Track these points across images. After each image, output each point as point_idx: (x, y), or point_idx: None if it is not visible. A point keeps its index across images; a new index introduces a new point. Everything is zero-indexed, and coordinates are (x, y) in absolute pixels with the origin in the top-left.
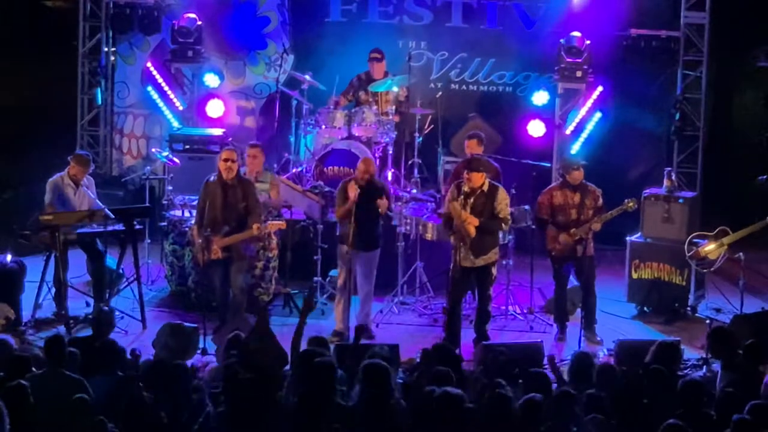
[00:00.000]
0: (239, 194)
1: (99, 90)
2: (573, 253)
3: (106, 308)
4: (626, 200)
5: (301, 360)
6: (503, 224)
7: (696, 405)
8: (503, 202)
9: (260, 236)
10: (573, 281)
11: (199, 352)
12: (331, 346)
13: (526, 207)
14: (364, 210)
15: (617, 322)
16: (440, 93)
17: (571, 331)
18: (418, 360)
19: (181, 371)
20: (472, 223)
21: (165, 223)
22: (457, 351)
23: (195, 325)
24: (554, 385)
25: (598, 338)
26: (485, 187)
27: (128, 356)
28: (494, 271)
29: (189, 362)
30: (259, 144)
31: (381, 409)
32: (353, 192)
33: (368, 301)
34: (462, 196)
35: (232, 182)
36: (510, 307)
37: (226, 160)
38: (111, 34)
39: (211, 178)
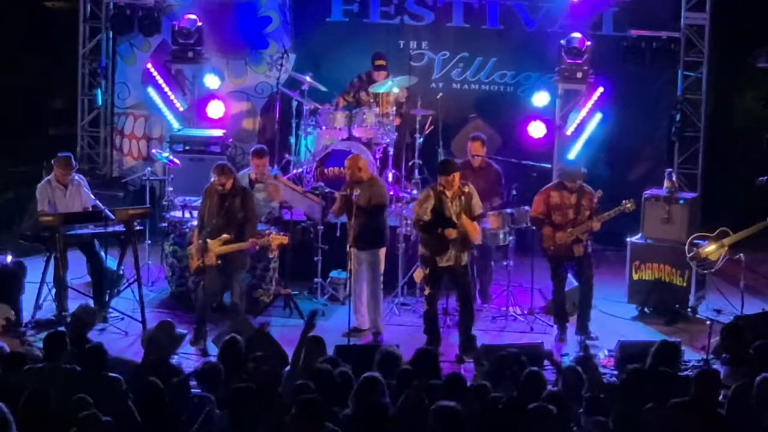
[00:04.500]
0: (237, 204)
1: (99, 91)
2: (569, 253)
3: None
4: (624, 201)
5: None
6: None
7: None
8: (477, 197)
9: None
10: (573, 282)
11: (199, 353)
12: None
13: (527, 208)
14: (364, 209)
15: (618, 323)
16: (441, 94)
17: (571, 331)
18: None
19: (178, 372)
20: (476, 229)
21: (165, 224)
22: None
23: (185, 332)
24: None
25: (593, 335)
26: (465, 188)
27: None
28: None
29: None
30: (266, 152)
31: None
32: (354, 191)
33: (377, 303)
34: (460, 199)
35: (231, 192)
36: (510, 308)
37: (218, 185)
38: (111, 35)
39: (212, 182)
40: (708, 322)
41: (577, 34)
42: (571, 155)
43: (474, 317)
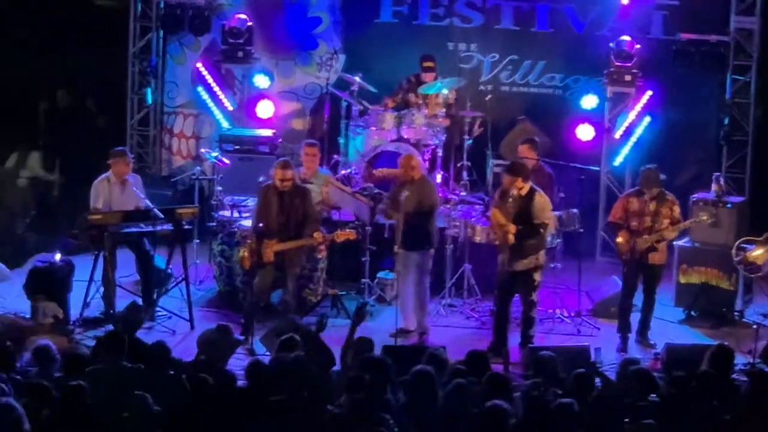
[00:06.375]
0: (297, 202)
1: (149, 90)
2: (644, 260)
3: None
4: (700, 213)
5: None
6: (540, 229)
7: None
8: (539, 207)
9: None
10: (618, 284)
11: (246, 352)
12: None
13: (575, 210)
14: (412, 209)
15: (665, 326)
16: (490, 96)
17: (611, 332)
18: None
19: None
20: (510, 231)
21: (214, 224)
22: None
23: (241, 338)
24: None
25: (651, 342)
26: (523, 192)
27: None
28: (537, 276)
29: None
30: (317, 143)
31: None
32: (404, 192)
33: (423, 305)
34: (510, 201)
35: (291, 190)
36: (557, 310)
37: (282, 180)
38: (162, 34)
39: (268, 182)
40: (754, 326)
41: (626, 38)
42: (619, 159)
43: (532, 322)
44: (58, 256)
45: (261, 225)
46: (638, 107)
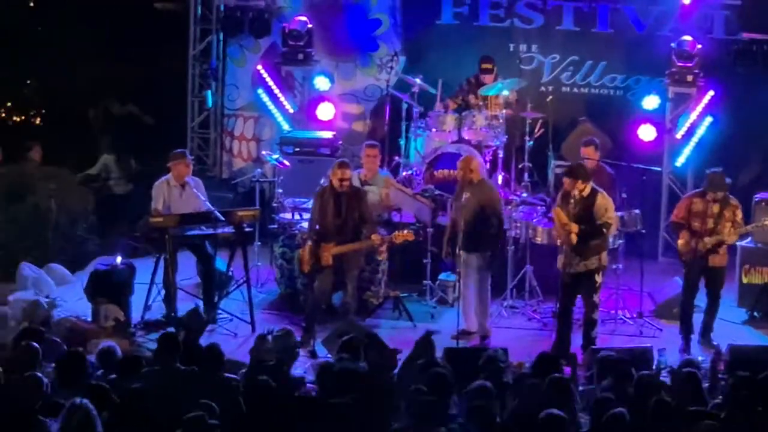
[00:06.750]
0: (353, 204)
1: (209, 92)
2: (705, 262)
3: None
4: (763, 218)
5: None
6: (603, 229)
7: None
8: (602, 208)
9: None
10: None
11: (308, 354)
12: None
13: (637, 211)
14: (472, 211)
15: (727, 327)
16: (551, 97)
17: (674, 334)
18: (527, 366)
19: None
20: (572, 231)
21: (275, 226)
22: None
23: (299, 339)
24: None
25: (714, 342)
26: (585, 193)
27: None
28: (598, 278)
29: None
30: (378, 145)
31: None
32: (464, 194)
33: (484, 306)
34: (572, 202)
35: (347, 192)
36: (620, 312)
37: (341, 180)
38: (222, 36)
39: (325, 184)
40: None
41: (687, 38)
42: (681, 159)
43: (594, 324)
44: (119, 259)
45: (318, 228)
46: (700, 107)
